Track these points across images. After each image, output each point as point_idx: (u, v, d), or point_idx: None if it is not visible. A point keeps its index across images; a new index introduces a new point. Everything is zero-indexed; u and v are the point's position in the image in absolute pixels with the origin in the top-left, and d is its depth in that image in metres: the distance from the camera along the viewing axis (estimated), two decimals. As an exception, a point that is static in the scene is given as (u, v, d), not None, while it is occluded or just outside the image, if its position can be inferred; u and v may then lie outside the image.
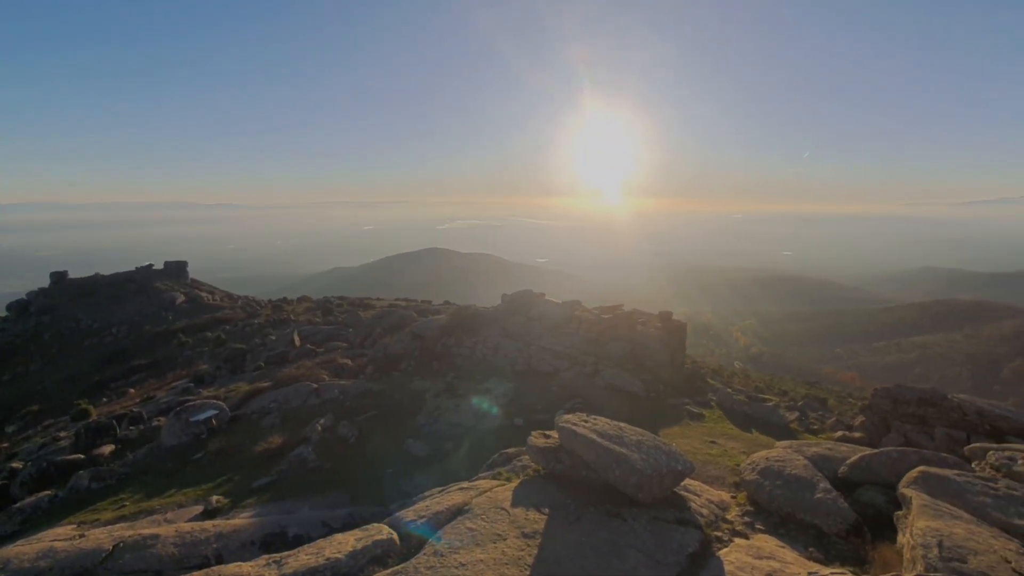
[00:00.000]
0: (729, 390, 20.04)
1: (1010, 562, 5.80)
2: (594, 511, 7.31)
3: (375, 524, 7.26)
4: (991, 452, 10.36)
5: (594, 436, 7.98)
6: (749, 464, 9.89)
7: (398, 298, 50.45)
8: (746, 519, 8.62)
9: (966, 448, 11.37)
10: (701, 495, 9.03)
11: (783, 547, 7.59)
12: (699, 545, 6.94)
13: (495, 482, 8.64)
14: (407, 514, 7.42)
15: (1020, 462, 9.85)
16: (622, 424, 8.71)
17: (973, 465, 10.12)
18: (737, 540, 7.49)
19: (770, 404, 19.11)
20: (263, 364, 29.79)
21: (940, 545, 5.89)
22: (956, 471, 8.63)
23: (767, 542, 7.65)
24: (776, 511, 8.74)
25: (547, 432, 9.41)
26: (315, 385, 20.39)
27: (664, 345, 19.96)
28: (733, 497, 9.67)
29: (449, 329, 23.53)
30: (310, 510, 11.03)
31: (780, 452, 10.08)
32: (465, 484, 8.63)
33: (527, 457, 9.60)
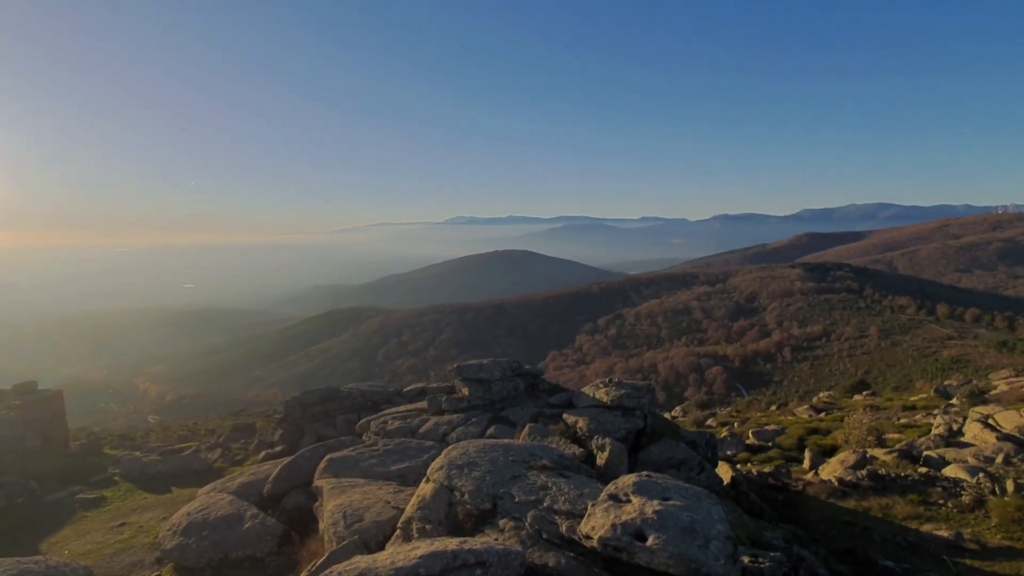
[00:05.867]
0: (138, 454, 17.08)
1: (389, 501, 7.45)
2: None
3: None
4: (372, 422, 13.21)
5: None
6: (169, 529, 8.63)
7: None
8: (174, 593, 7.47)
9: (357, 425, 14.06)
10: (110, 600, 7.14)
11: (219, 600, 6.99)
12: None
13: None
14: None
15: (390, 422, 13.03)
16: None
17: (364, 437, 12.60)
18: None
19: (188, 452, 17.58)
20: None
21: (344, 516, 6.85)
22: (351, 448, 10.41)
23: (200, 606, 6.85)
24: (208, 564, 8.00)
25: None
26: None
27: (31, 428, 14.77)
28: (157, 574, 8.21)
29: None
30: None
31: (202, 500, 9.31)
32: None
33: None
